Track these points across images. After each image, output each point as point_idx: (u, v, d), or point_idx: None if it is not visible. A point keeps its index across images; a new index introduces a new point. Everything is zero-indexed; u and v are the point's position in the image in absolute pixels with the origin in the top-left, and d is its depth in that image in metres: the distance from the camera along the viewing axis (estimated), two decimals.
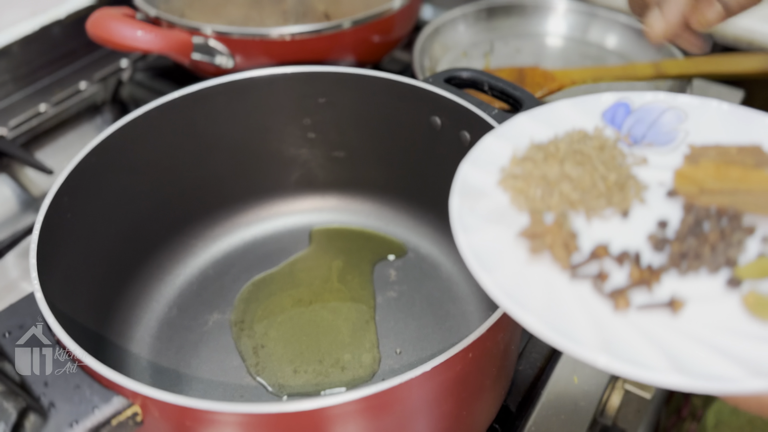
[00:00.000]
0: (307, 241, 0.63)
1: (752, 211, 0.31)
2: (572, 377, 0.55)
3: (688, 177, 0.33)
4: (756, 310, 0.27)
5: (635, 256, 0.30)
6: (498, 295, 0.28)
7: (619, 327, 0.27)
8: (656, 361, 0.25)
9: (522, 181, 0.34)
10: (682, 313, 0.28)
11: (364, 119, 0.60)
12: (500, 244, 0.31)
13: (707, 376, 0.25)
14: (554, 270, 0.30)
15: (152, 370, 0.54)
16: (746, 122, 0.36)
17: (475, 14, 0.86)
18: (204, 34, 0.71)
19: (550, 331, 0.26)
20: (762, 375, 0.25)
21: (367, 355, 0.54)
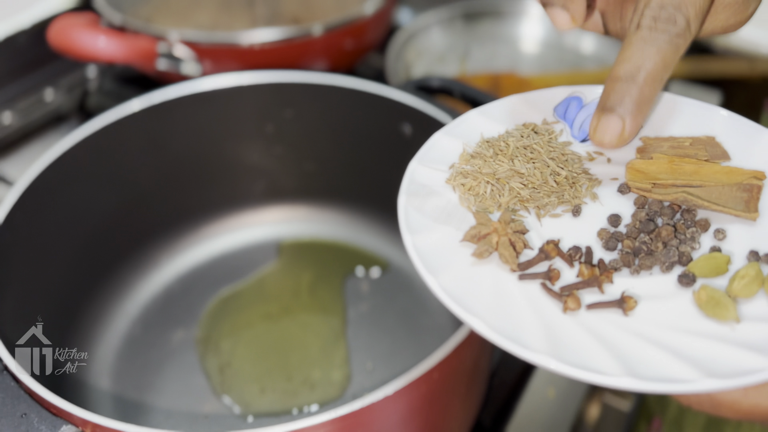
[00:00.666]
0: (276, 253, 0.62)
1: (706, 206, 0.31)
2: (548, 390, 0.53)
3: (640, 171, 0.32)
4: (707, 308, 0.27)
5: (586, 252, 0.30)
6: (444, 298, 0.27)
7: (570, 328, 0.27)
8: (607, 364, 0.25)
9: (471, 179, 0.33)
10: (634, 312, 0.27)
11: (333, 128, 0.58)
12: (448, 244, 0.30)
13: (659, 378, 0.25)
14: (503, 270, 0.29)
15: (113, 390, 0.52)
16: (700, 113, 0.35)
17: (450, 19, 0.85)
18: (170, 40, 0.69)
19: (498, 335, 0.26)
20: (714, 375, 0.24)
21: (337, 371, 0.53)
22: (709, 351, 0.25)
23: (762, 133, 0.33)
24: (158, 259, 0.59)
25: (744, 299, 0.27)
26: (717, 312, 0.27)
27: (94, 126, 0.52)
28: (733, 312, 0.26)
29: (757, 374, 0.24)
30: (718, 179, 0.31)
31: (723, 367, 0.25)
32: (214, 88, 0.54)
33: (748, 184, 0.31)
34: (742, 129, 0.34)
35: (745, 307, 0.27)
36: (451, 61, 0.84)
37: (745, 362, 0.25)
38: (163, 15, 0.78)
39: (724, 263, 0.29)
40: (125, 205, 0.56)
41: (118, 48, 0.67)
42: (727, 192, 0.31)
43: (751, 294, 0.27)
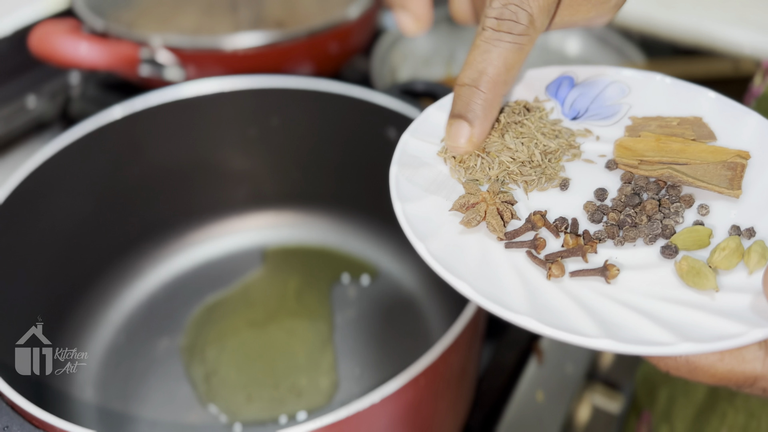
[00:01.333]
0: (261, 259, 0.61)
1: (690, 183, 0.31)
2: (536, 394, 0.53)
3: (628, 148, 0.33)
4: (687, 277, 0.28)
5: (571, 223, 0.30)
6: (431, 262, 0.28)
7: (553, 294, 0.27)
8: (588, 327, 0.26)
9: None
10: (617, 280, 0.28)
11: (317, 133, 0.58)
12: (437, 213, 0.30)
13: (638, 340, 0.25)
14: (490, 239, 0.30)
15: (98, 400, 0.51)
16: (688, 95, 0.36)
17: (435, 23, 0.84)
18: (152, 46, 0.69)
19: (483, 297, 0.26)
20: (691, 339, 0.25)
21: (324, 378, 0.52)
22: (688, 317, 0.26)
23: (748, 115, 0.34)
24: (142, 267, 0.58)
25: (724, 271, 0.28)
26: (697, 281, 0.27)
27: (76, 134, 0.51)
28: (713, 281, 0.27)
29: (733, 339, 0.25)
30: (703, 157, 0.32)
31: (701, 333, 0.25)
32: (196, 94, 0.54)
33: (733, 163, 0.32)
34: (729, 111, 0.34)
35: (725, 278, 0.28)
36: (436, 64, 0.84)
37: (722, 328, 0.25)
38: (146, 20, 0.77)
39: (706, 236, 0.29)
40: (108, 212, 0.55)
41: (100, 54, 0.66)
42: (712, 170, 0.32)
43: (731, 266, 0.28)
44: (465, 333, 0.38)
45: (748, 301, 0.27)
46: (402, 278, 0.60)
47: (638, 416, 0.62)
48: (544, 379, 0.54)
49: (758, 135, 0.33)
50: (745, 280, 0.27)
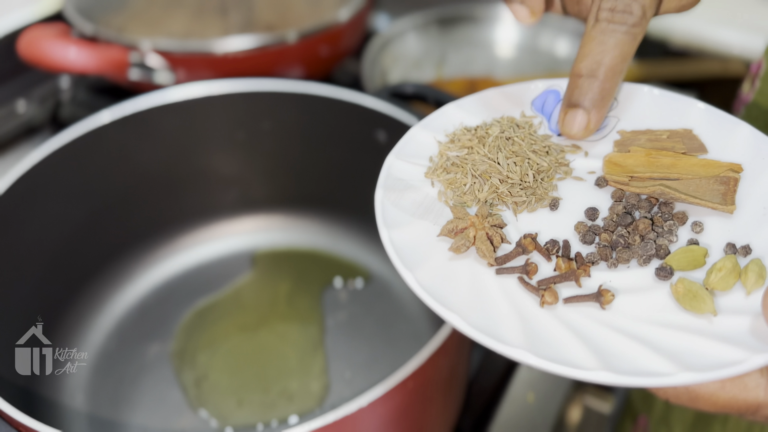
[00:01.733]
0: (251, 263, 0.61)
1: (683, 199, 0.31)
2: (527, 395, 0.53)
3: (617, 164, 0.33)
4: (684, 301, 0.27)
5: (563, 245, 0.30)
6: (421, 293, 0.27)
7: (547, 322, 0.27)
8: (585, 359, 0.25)
9: (454, 172, 0.32)
10: (612, 305, 0.27)
11: (307, 136, 0.58)
12: (425, 239, 0.30)
13: (636, 372, 0.24)
14: (480, 264, 0.29)
15: (88, 406, 0.51)
16: (677, 106, 0.35)
17: (425, 25, 0.85)
18: (142, 50, 0.68)
19: (475, 330, 0.26)
20: (691, 369, 0.24)
21: (315, 382, 0.52)
22: (687, 344, 0.25)
23: (739, 126, 0.33)
24: (132, 272, 0.58)
25: (721, 292, 0.27)
26: (694, 305, 0.27)
27: (64, 138, 0.51)
28: (710, 305, 0.26)
29: (733, 367, 0.24)
30: (695, 172, 0.32)
31: (700, 360, 0.25)
32: (185, 98, 0.54)
33: (725, 177, 0.31)
34: (719, 122, 0.34)
35: (722, 299, 0.27)
36: (427, 66, 0.84)
37: (722, 355, 0.25)
38: (136, 24, 0.77)
39: (701, 256, 0.29)
40: (97, 217, 0.55)
41: (89, 58, 0.66)
42: (705, 185, 0.31)
43: (728, 287, 0.27)
44: (453, 336, 0.38)
45: (747, 324, 0.26)
46: (393, 280, 0.60)
47: (634, 421, 0.62)
48: (534, 381, 0.54)
49: (749, 146, 0.32)
50: (743, 301, 0.27)
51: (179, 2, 0.80)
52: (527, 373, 0.54)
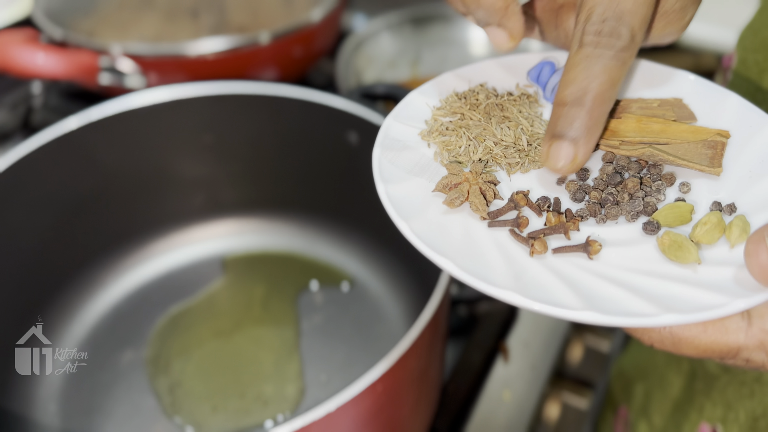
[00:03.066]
0: (222, 267, 0.61)
1: (671, 162, 0.31)
2: (503, 393, 0.53)
3: (609, 129, 0.33)
4: (669, 251, 0.28)
5: (554, 202, 0.30)
6: (415, 241, 0.28)
7: (536, 270, 0.28)
8: (571, 300, 0.26)
9: (449, 135, 0.33)
10: (599, 256, 0.28)
11: (278, 138, 0.58)
12: (420, 193, 0.31)
13: (621, 312, 0.25)
14: (473, 218, 0.30)
15: (61, 415, 0.50)
16: (669, 77, 0.36)
17: (399, 24, 0.85)
18: (112, 54, 0.68)
19: (466, 274, 0.26)
20: (672, 310, 0.25)
21: (291, 386, 0.52)
22: (671, 290, 0.26)
23: (727, 96, 0.34)
24: (103, 279, 0.58)
25: (706, 245, 0.28)
26: (679, 255, 0.27)
27: (31, 145, 0.50)
28: (695, 254, 0.27)
29: (715, 310, 0.25)
30: (684, 137, 0.32)
31: (683, 304, 0.25)
32: (153, 102, 0.53)
33: (713, 141, 0.32)
34: (709, 92, 0.35)
35: (707, 252, 0.28)
36: (402, 65, 0.84)
37: (705, 299, 0.25)
38: (106, 28, 0.76)
39: (687, 212, 0.29)
40: (67, 224, 0.54)
41: (57, 64, 0.65)
42: (693, 148, 0.32)
43: (712, 240, 0.28)
44: (422, 338, 0.38)
45: (730, 274, 0.27)
46: (369, 282, 0.60)
47: (615, 412, 0.62)
48: (510, 379, 0.54)
49: (738, 115, 0.33)
50: (727, 254, 0.28)
51: (150, 5, 0.79)
52: (503, 371, 0.55)
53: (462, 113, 0.34)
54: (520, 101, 0.35)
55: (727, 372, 0.45)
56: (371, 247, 0.61)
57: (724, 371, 0.46)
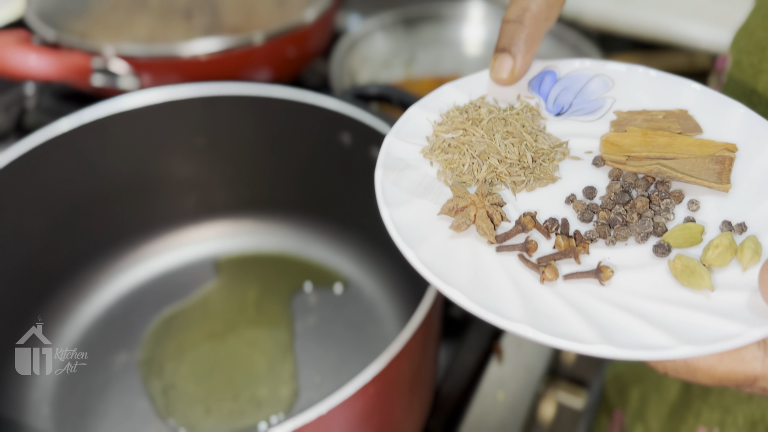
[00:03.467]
0: (216, 269, 0.60)
1: (679, 178, 0.31)
2: (497, 394, 0.53)
3: (614, 144, 0.33)
4: (682, 277, 0.27)
5: (562, 223, 0.30)
6: (423, 271, 0.27)
7: (547, 298, 0.27)
8: (585, 333, 0.25)
9: (452, 153, 0.33)
10: (611, 281, 0.28)
11: (271, 140, 0.57)
12: (426, 217, 0.30)
13: (637, 345, 0.25)
14: (481, 242, 0.29)
15: (54, 418, 0.50)
16: (673, 87, 0.36)
17: (392, 25, 0.85)
18: (105, 55, 0.67)
19: (476, 305, 0.26)
20: (690, 342, 0.25)
21: (284, 387, 0.52)
22: (685, 318, 0.26)
23: (733, 106, 0.34)
24: (97, 281, 0.57)
25: (718, 268, 0.28)
26: (692, 281, 0.27)
27: (23, 147, 0.50)
28: (708, 280, 0.27)
29: (731, 340, 0.25)
30: (691, 151, 0.32)
31: (698, 334, 0.25)
32: (145, 104, 0.53)
33: (720, 156, 0.32)
34: (714, 102, 0.34)
35: (719, 276, 0.28)
36: (396, 66, 0.84)
37: (720, 329, 0.25)
38: (99, 30, 0.76)
39: (698, 233, 0.29)
40: (60, 226, 0.54)
41: (50, 65, 0.65)
42: (700, 164, 0.32)
43: (724, 263, 0.28)
44: (414, 340, 0.38)
45: (744, 300, 0.26)
46: (363, 283, 0.60)
47: (610, 416, 0.62)
48: (504, 380, 0.54)
49: (744, 126, 0.33)
50: (740, 277, 0.27)
51: (143, 7, 0.79)
52: (497, 371, 0.55)
53: (464, 129, 0.33)
54: (522, 115, 0.34)
55: None
56: (365, 248, 0.60)
57: None
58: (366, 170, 0.55)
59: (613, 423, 0.61)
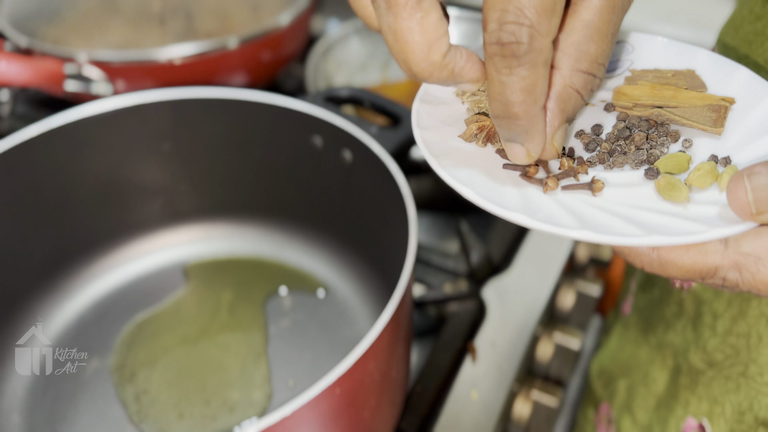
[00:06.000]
0: (194, 274, 0.60)
1: (677, 121, 0.35)
2: (470, 393, 0.53)
3: (625, 93, 0.36)
4: (664, 191, 0.31)
5: (568, 150, 0.34)
6: (442, 173, 0.31)
7: (544, 200, 0.31)
8: (570, 221, 0.29)
9: (476, 96, 0.36)
10: (602, 193, 0.32)
11: (242, 144, 0.57)
12: (451, 139, 0.34)
13: (611, 231, 0.29)
14: (496, 163, 0.33)
15: (25, 426, 0.50)
16: (685, 52, 0.39)
17: (368, 28, 0.85)
18: (78, 61, 0.67)
19: (482, 199, 0.30)
20: (658, 233, 0.28)
21: (258, 391, 0.52)
22: (660, 220, 0.29)
23: (738, 69, 0.37)
24: (67, 288, 0.57)
25: (698, 189, 0.31)
26: (672, 194, 0.31)
27: None
28: (686, 193, 0.30)
29: (696, 235, 0.28)
30: (692, 102, 0.35)
31: (668, 230, 0.29)
32: (114, 109, 0.53)
33: (717, 105, 0.35)
34: (721, 65, 0.38)
35: (698, 194, 0.31)
36: (372, 69, 0.84)
37: (687, 227, 0.29)
38: (72, 36, 0.76)
39: (685, 161, 0.33)
40: (30, 233, 0.54)
41: (21, 71, 0.65)
42: (699, 111, 0.35)
43: (704, 185, 0.31)
44: (381, 340, 0.38)
45: (716, 211, 0.30)
46: (338, 286, 0.60)
47: (596, 409, 0.63)
48: (478, 379, 0.54)
49: (745, 85, 0.36)
50: (716, 196, 0.31)
51: (116, 13, 0.79)
52: (471, 371, 0.55)
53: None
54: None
55: (712, 367, 0.46)
56: (340, 251, 0.61)
57: (709, 366, 0.46)
58: (338, 173, 0.55)
59: (599, 416, 0.62)
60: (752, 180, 0.28)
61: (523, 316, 0.59)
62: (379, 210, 0.51)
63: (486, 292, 0.60)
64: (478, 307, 0.59)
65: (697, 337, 0.48)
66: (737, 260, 0.29)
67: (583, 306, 0.68)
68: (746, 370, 0.44)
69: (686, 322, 0.49)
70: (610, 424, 0.59)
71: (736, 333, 0.44)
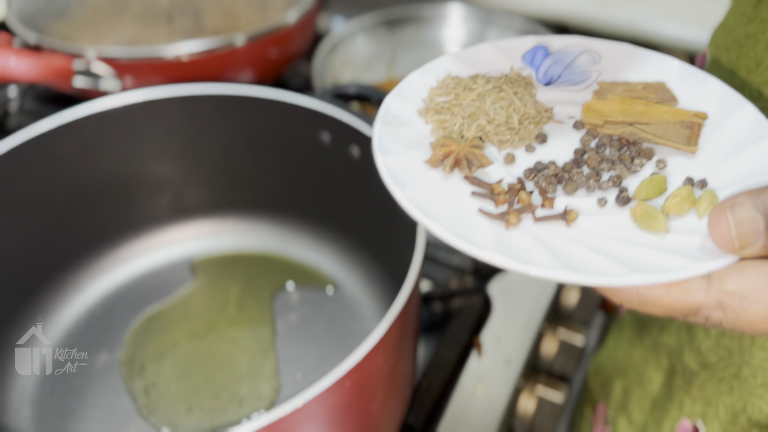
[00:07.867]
0: (202, 268, 0.61)
1: (650, 140, 0.34)
2: (476, 388, 0.54)
3: (594, 110, 0.35)
4: (641, 221, 0.29)
5: (520, 185, 0.33)
6: (408, 207, 0.30)
7: (516, 235, 0.30)
8: (545, 260, 0.28)
9: (444, 114, 0.36)
10: (576, 223, 0.30)
11: (250, 140, 0.58)
12: (416, 165, 0.33)
13: (590, 272, 0.27)
14: (463, 191, 0.32)
15: (35, 419, 0.50)
16: (654, 62, 0.39)
17: (373, 26, 0.85)
18: (87, 58, 0.68)
19: (452, 235, 0.29)
20: (639, 271, 0.27)
21: (266, 385, 0.52)
22: (639, 254, 0.28)
23: (708, 81, 0.36)
24: (77, 282, 0.57)
25: (675, 216, 0.30)
26: (649, 224, 0.29)
27: (2, 149, 0.50)
28: (664, 224, 0.29)
29: (677, 272, 0.27)
30: (664, 118, 0.34)
31: (648, 266, 0.27)
32: (124, 104, 0.53)
33: (690, 122, 0.34)
34: (691, 76, 0.37)
35: (677, 223, 0.30)
36: (378, 67, 0.85)
37: (669, 263, 0.27)
38: (81, 32, 0.76)
39: (663, 183, 0.31)
40: (39, 228, 0.54)
41: (30, 67, 0.65)
42: (671, 128, 0.34)
43: (682, 212, 0.30)
44: (390, 334, 0.38)
45: (696, 242, 0.29)
46: (345, 281, 0.60)
47: (593, 409, 0.63)
48: (483, 373, 0.55)
49: (717, 98, 0.35)
50: (695, 224, 0.30)
51: (124, 10, 0.79)
52: (476, 366, 0.55)
53: (456, 93, 0.36)
54: (516, 82, 0.38)
55: (706, 368, 0.46)
56: (348, 246, 0.61)
57: (703, 367, 0.47)
58: (346, 169, 0.56)
59: (596, 415, 0.62)
60: (735, 213, 0.27)
61: (528, 311, 0.59)
62: (386, 206, 0.52)
63: (491, 288, 0.61)
64: (483, 303, 0.59)
65: (691, 338, 0.48)
66: (721, 299, 0.27)
67: (587, 303, 0.69)
68: (739, 372, 0.44)
69: (680, 323, 0.49)
70: (607, 424, 0.60)
71: (729, 335, 0.44)
